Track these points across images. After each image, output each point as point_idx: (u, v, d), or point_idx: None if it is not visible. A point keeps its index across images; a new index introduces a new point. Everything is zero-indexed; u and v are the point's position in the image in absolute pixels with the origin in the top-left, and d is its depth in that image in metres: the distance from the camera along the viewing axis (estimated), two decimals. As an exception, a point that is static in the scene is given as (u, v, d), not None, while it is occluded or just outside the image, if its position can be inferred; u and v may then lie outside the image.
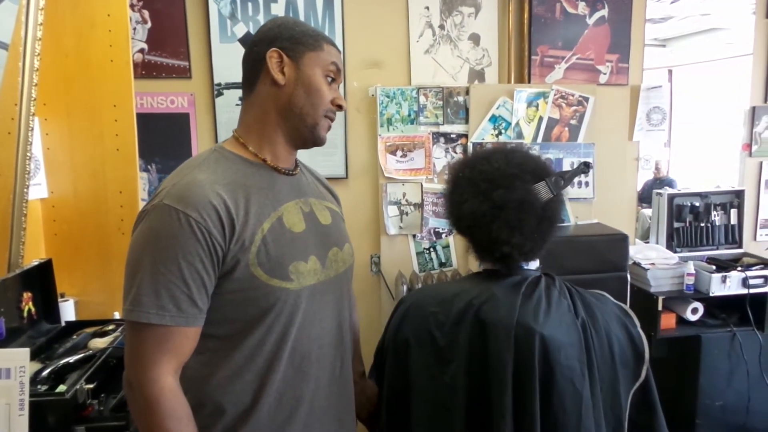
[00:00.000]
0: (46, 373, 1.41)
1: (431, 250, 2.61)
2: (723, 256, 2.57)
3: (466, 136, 2.56)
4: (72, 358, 1.50)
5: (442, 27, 2.53)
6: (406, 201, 2.55)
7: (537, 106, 2.56)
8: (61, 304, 1.85)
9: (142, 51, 2.39)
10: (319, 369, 1.07)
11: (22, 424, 1.12)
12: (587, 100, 2.58)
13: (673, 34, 5.01)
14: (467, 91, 2.54)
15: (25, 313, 1.67)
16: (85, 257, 2.00)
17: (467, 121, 2.55)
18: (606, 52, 2.64)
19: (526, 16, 2.55)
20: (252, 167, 1.05)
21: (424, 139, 2.54)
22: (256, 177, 1.04)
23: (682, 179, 4.91)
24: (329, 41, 1.09)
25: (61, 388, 1.34)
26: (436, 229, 2.60)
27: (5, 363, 1.12)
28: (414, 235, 2.59)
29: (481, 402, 1.06)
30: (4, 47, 1.63)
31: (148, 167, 2.43)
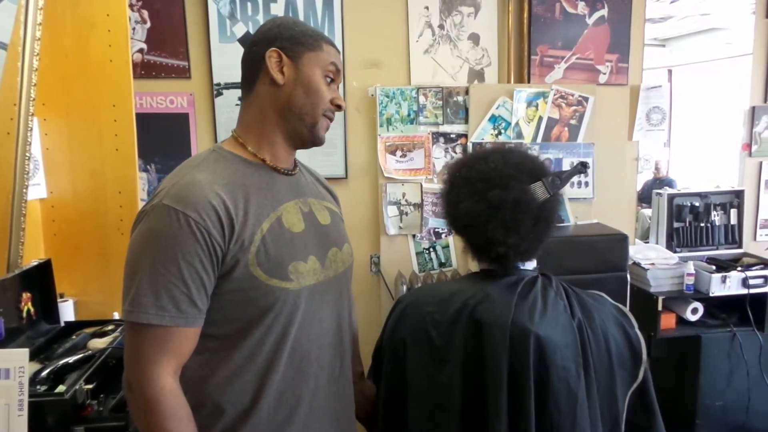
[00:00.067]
0: (45, 373, 1.41)
1: (431, 250, 2.61)
2: (723, 256, 2.57)
3: (466, 136, 2.56)
4: (71, 359, 1.50)
5: (441, 27, 2.53)
6: (406, 201, 2.55)
7: (537, 106, 2.56)
8: (61, 305, 1.85)
9: (141, 51, 2.39)
10: (318, 369, 1.07)
11: (21, 424, 1.11)
12: (587, 100, 2.58)
13: (673, 34, 5.02)
14: (467, 91, 2.54)
15: (24, 314, 1.67)
16: (85, 257, 2.00)
17: (467, 121, 2.55)
18: (606, 52, 2.63)
19: (526, 16, 2.55)
20: (251, 167, 1.05)
21: (424, 139, 2.54)
22: (255, 177, 1.04)
23: (682, 179, 4.91)
24: (328, 41, 1.09)
25: (61, 388, 1.34)
26: (436, 229, 2.59)
27: (4, 363, 1.11)
28: (414, 235, 2.58)
29: (476, 402, 1.06)
30: (3, 47, 1.62)
31: (148, 167, 2.43)
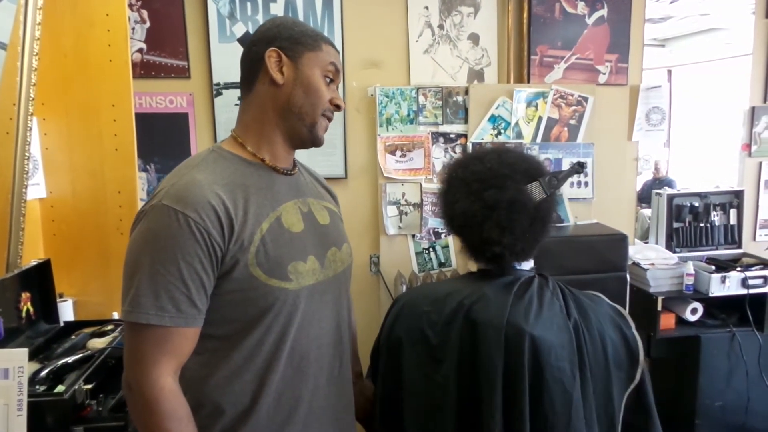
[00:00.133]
0: (44, 373, 1.41)
1: (430, 250, 2.61)
2: (722, 257, 2.57)
3: (466, 136, 2.56)
4: (70, 359, 1.50)
5: (441, 27, 2.53)
6: (406, 201, 2.55)
7: (536, 106, 2.56)
8: (60, 304, 1.85)
9: (140, 51, 2.39)
10: (317, 369, 1.07)
11: (20, 424, 1.11)
12: (586, 100, 2.58)
13: (673, 34, 5.02)
14: (466, 91, 2.54)
15: (23, 314, 1.67)
16: (84, 257, 2.00)
17: (466, 121, 2.55)
18: (605, 52, 2.63)
19: (526, 16, 2.55)
20: (250, 167, 1.05)
21: (424, 139, 2.54)
22: (255, 177, 1.04)
23: (682, 179, 4.92)
24: (328, 41, 1.09)
25: (60, 388, 1.34)
26: (436, 229, 2.59)
27: (3, 363, 1.11)
28: (413, 235, 2.58)
29: (471, 401, 1.06)
30: (3, 47, 1.62)
31: (147, 167, 2.43)
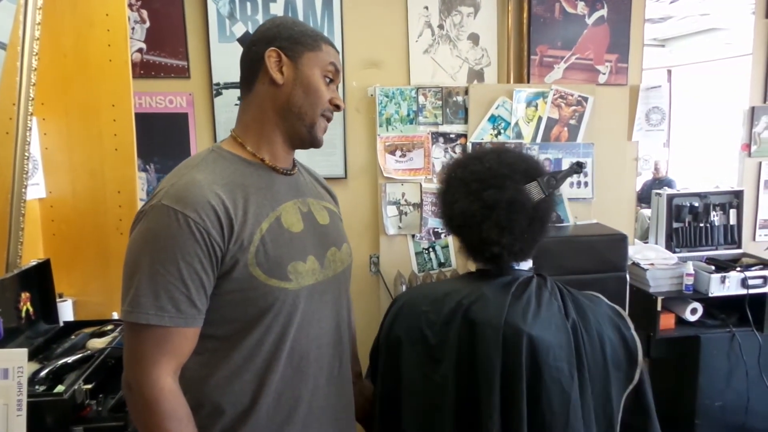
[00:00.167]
0: (44, 373, 1.41)
1: (430, 250, 2.61)
2: (722, 257, 2.57)
3: (466, 136, 2.55)
4: (70, 359, 1.50)
5: (441, 27, 2.53)
6: (405, 201, 2.55)
7: (536, 106, 2.56)
8: (60, 304, 1.85)
9: (140, 51, 2.39)
10: (317, 369, 1.07)
11: (20, 424, 1.11)
12: (586, 100, 2.58)
13: (673, 34, 5.02)
14: (466, 91, 2.54)
15: (23, 314, 1.67)
16: (84, 257, 2.00)
17: (466, 121, 2.55)
18: (605, 52, 2.63)
19: (526, 16, 2.55)
20: (250, 167, 1.05)
21: (423, 139, 2.53)
22: (255, 177, 1.04)
23: (681, 179, 4.92)
24: (328, 41, 1.09)
25: (59, 388, 1.34)
26: (435, 229, 2.59)
27: (3, 363, 1.11)
28: (413, 235, 2.58)
29: (470, 401, 1.06)
30: (3, 47, 1.62)
31: (147, 167, 2.43)
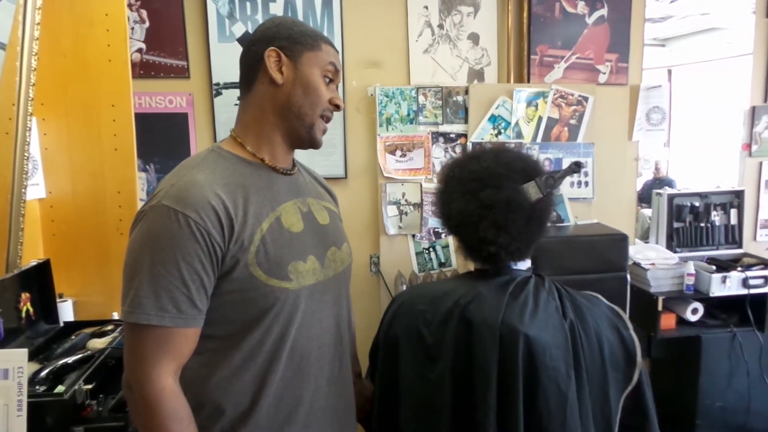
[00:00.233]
0: (44, 373, 1.41)
1: (431, 250, 2.61)
2: (723, 257, 2.57)
3: (466, 136, 2.55)
4: (70, 359, 1.50)
5: (441, 26, 2.53)
6: (406, 201, 2.55)
7: (536, 106, 2.56)
8: (60, 305, 1.85)
9: (140, 51, 2.38)
10: (318, 369, 1.07)
11: (20, 424, 1.11)
12: (587, 99, 2.58)
13: (673, 34, 5.03)
14: (466, 91, 2.53)
15: (23, 314, 1.67)
16: (84, 257, 2.00)
17: (466, 121, 2.55)
18: (605, 52, 2.63)
19: (526, 16, 2.55)
20: (250, 167, 1.05)
21: (424, 139, 2.53)
22: (255, 177, 1.04)
23: (682, 179, 4.92)
24: (327, 41, 1.08)
25: (60, 388, 1.34)
26: (436, 229, 2.59)
27: (3, 363, 1.11)
28: (413, 235, 2.58)
29: (466, 401, 1.06)
30: (2, 47, 1.62)
31: (147, 167, 2.43)
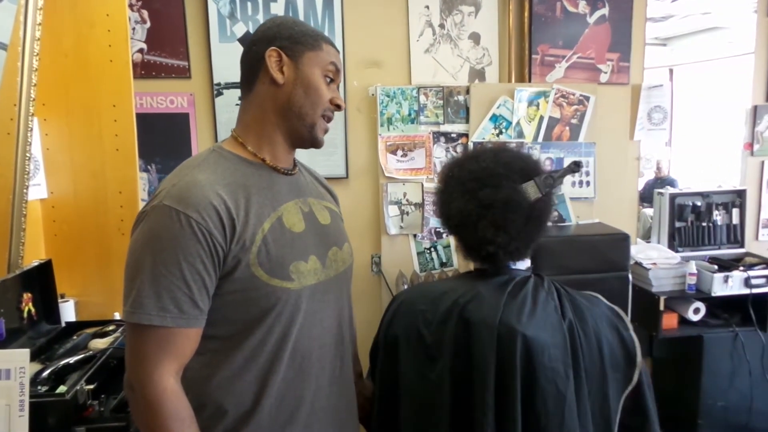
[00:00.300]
0: (46, 373, 1.41)
1: (432, 249, 2.61)
2: (725, 256, 2.56)
3: (467, 136, 2.55)
4: (72, 359, 1.50)
5: (442, 26, 2.53)
6: (407, 201, 2.55)
7: (538, 106, 2.55)
8: (61, 305, 1.85)
9: (141, 51, 2.38)
10: (319, 369, 1.07)
11: (22, 424, 1.11)
12: (588, 99, 2.57)
13: (674, 33, 5.02)
14: (467, 91, 2.53)
15: (25, 314, 1.67)
16: (85, 258, 2.00)
17: (468, 121, 2.54)
18: (607, 51, 2.63)
19: (527, 15, 2.55)
20: (251, 167, 1.05)
21: (425, 139, 2.53)
22: (256, 177, 1.04)
23: (684, 179, 4.91)
24: (328, 41, 1.08)
25: (62, 388, 1.34)
26: (437, 229, 2.59)
27: (5, 364, 1.11)
28: (415, 235, 2.58)
29: (465, 401, 1.06)
30: (3, 47, 1.62)
31: (148, 167, 2.43)
